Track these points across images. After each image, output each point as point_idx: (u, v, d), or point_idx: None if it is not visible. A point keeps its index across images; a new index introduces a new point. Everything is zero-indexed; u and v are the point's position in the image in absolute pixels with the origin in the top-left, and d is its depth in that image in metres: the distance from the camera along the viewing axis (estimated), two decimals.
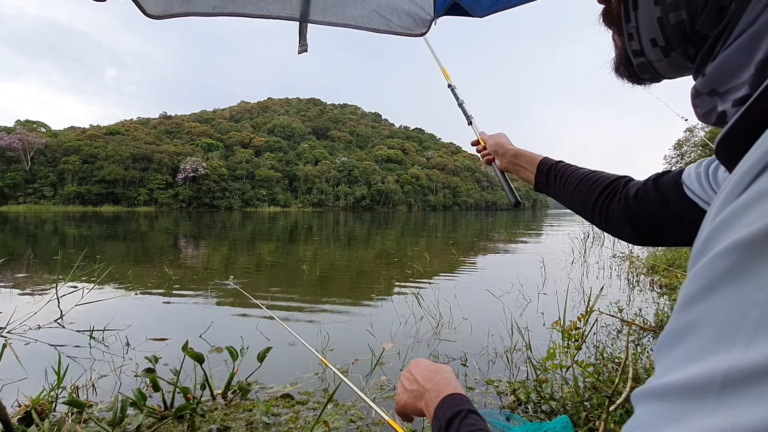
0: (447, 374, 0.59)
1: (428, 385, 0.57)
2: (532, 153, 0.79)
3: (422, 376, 0.59)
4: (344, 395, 1.87)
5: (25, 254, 7.37)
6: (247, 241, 11.29)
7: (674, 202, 0.52)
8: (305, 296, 4.17)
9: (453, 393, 0.54)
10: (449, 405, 0.52)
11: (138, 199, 75.57)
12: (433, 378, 0.58)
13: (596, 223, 0.65)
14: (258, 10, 1.25)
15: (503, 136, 0.86)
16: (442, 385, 0.56)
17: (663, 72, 0.37)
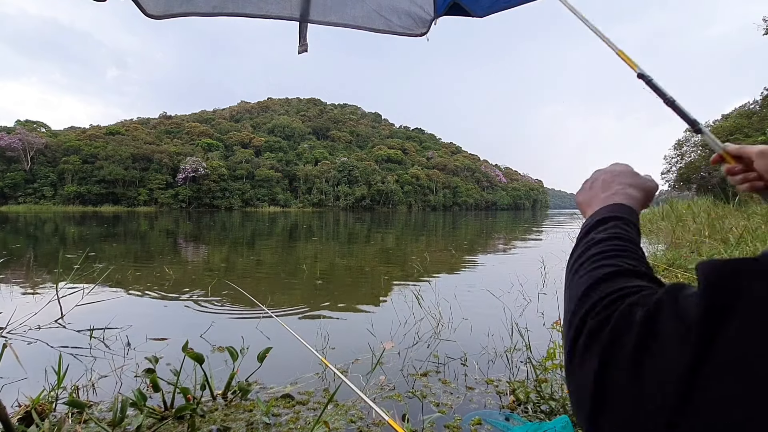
0: (631, 187, 0.51)
1: (603, 192, 0.52)
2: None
3: (605, 182, 0.53)
4: (344, 395, 1.87)
5: (25, 254, 7.37)
6: (247, 241, 11.29)
7: None
8: (305, 296, 4.17)
9: (618, 203, 0.49)
10: (609, 209, 0.47)
11: (138, 199, 75.53)
12: (613, 186, 0.52)
13: None
14: (258, 10, 1.25)
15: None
16: (618, 196, 0.50)
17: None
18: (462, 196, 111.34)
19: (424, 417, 1.69)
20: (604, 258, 0.40)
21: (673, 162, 24.95)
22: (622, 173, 0.54)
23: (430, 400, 1.86)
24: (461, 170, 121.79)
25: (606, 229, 0.44)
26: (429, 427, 1.62)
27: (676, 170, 24.35)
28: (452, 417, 1.71)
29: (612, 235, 0.42)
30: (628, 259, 0.39)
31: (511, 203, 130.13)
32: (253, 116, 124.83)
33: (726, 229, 5.76)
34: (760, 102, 21.05)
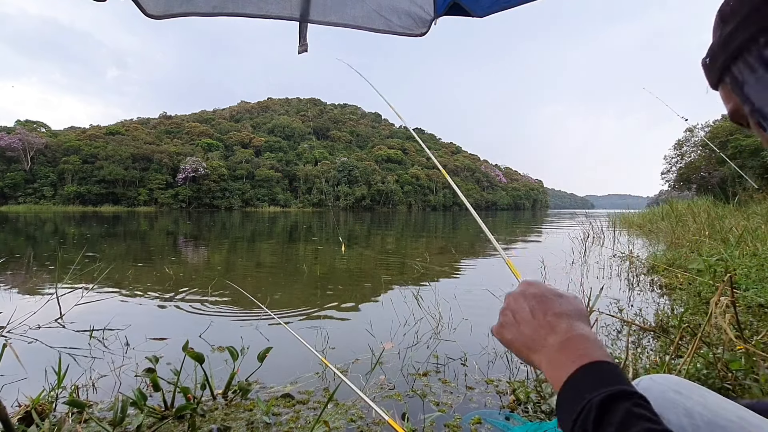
0: (582, 326, 0.42)
1: (552, 338, 0.41)
2: None
3: (544, 319, 0.43)
4: (344, 395, 1.87)
5: (25, 254, 7.37)
6: (247, 241, 11.29)
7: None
8: (305, 296, 4.17)
9: (598, 361, 0.37)
10: (596, 378, 0.36)
11: (138, 199, 75.53)
12: (562, 328, 0.42)
13: None
14: (258, 10, 1.25)
15: None
16: (579, 342, 0.39)
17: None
18: None
19: (424, 416, 1.69)
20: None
21: (673, 162, 24.95)
22: (547, 299, 0.45)
23: (430, 399, 1.86)
24: (461, 170, 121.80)
25: (630, 425, 0.32)
26: (429, 426, 1.63)
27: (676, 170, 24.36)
28: (452, 416, 1.71)
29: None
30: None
31: (511, 203, 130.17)
32: (253, 116, 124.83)
33: (726, 229, 5.76)
34: None
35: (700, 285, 3.61)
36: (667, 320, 2.83)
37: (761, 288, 3.09)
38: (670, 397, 0.52)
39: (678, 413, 0.50)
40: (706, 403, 0.50)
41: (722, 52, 0.35)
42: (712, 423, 0.48)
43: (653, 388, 0.54)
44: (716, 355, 1.73)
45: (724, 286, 1.70)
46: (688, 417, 0.49)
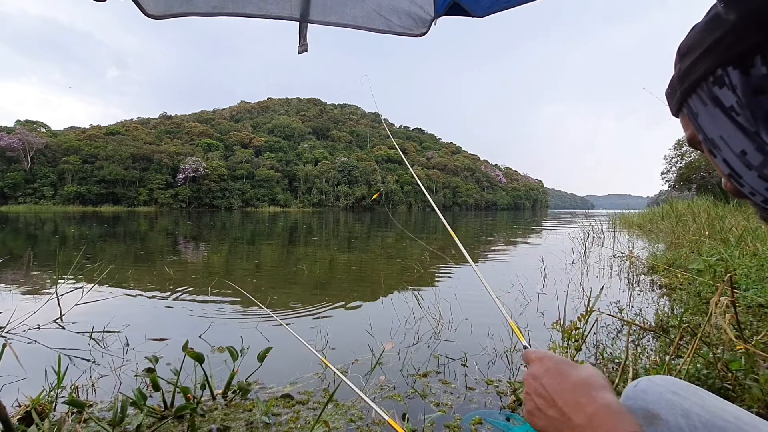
0: (603, 395, 0.40)
1: (578, 418, 0.39)
2: None
3: (564, 397, 0.42)
4: (344, 395, 1.87)
5: (25, 254, 7.37)
6: (247, 241, 11.29)
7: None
8: (305, 296, 4.17)
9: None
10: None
11: (138, 199, 75.55)
12: (584, 403, 0.40)
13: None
14: (258, 10, 1.25)
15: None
16: (606, 416, 0.38)
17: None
18: (462, 196, 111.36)
19: (424, 416, 1.69)
20: None
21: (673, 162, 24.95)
22: (562, 372, 0.44)
23: (430, 399, 1.86)
24: (461, 170, 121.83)
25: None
26: (429, 426, 1.62)
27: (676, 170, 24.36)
28: (452, 416, 1.71)
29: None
30: None
31: (511, 203, 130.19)
32: (253, 116, 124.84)
33: (726, 229, 5.76)
34: None
35: (700, 285, 3.61)
36: (667, 320, 2.83)
37: (761, 288, 3.09)
38: (668, 398, 0.53)
39: (675, 414, 0.51)
40: (704, 404, 0.51)
41: (679, 85, 0.38)
42: (709, 423, 0.48)
43: (651, 389, 0.55)
44: (716, 355, 1.72)
45: (724, 286, 1.70)
46: (685, 418, 0.50)
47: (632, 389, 0.58)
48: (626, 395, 0.58)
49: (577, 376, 0.43)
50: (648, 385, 0.56)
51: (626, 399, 0.57)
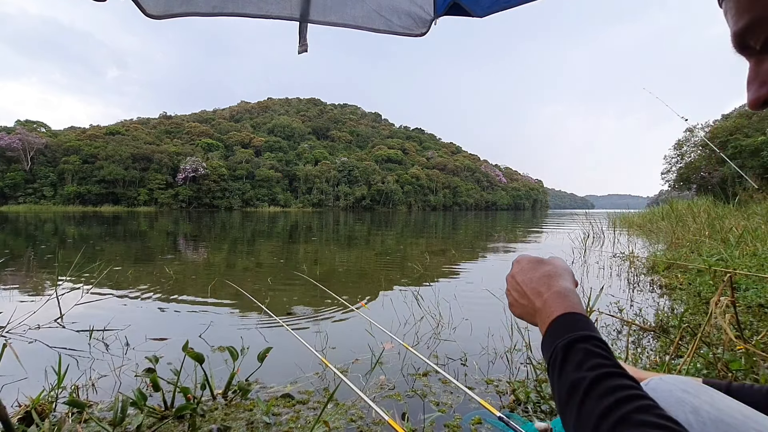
0: (558, 284, 0.49)
1: (538, 302, 0.49)
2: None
3: (530, 287, 0.51)
4: (344, 395, 1.87)
5: (25, 254, 7.37)
6: (247, 241, 11.29)
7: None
8: (305, 296, 4.17)
9: (565, 313, 0.45)
10: (564, 327, 0.44)
11: (138, 199, 75.54)
12: (542, 291, 0.49)
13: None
14: (258, 10, 1.25)
15: None
16: (554, 300, 0.47)
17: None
18: (462, 196, 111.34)
19: (423, 416, 1.69)
20: (633, 420, 0.34)
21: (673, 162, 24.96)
22: (530, 269, 0.52)
23: (430, 399, 1.86)
24: (461, 170, 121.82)
25: (586, 360, 0.40)
26: (429, 426, 1.63)
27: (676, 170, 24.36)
28: (452, 416, 1.71)
29: (601, 374, 0.38)
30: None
31: (511, 203, 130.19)
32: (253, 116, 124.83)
33: (726, 229, 5.76)
34: None
35: (700, 285, 3.61)
36: (667, 320, 2.83)
37: (761, 288, 3.09)
38: (678, 395, 0.54)
39: (685, 411, 0.51)
40: (713, 402, 0.51)
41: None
42: (718, 420, 0.49)
43: (661, 387, 0.56)
44: (716, 355, 1.73)
45: (724, 286, 1.70)
46: (694, 414, 0.51)
47: (643, 387, 0.58)
48: None
49: (543, 270, 0.51)
50: (658, 384, 0.57)
51: None
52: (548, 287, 0.49)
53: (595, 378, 0.37)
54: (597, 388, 0.37)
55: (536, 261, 0.53)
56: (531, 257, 0.55)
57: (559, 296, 0.47)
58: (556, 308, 0.46)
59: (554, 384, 0.41)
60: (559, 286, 0.49)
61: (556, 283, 0.49)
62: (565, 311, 0.45)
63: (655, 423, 0.34)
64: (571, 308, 0.45)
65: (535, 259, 0.54)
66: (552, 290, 0.48)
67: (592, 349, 0.40)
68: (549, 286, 0.49)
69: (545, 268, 0.51)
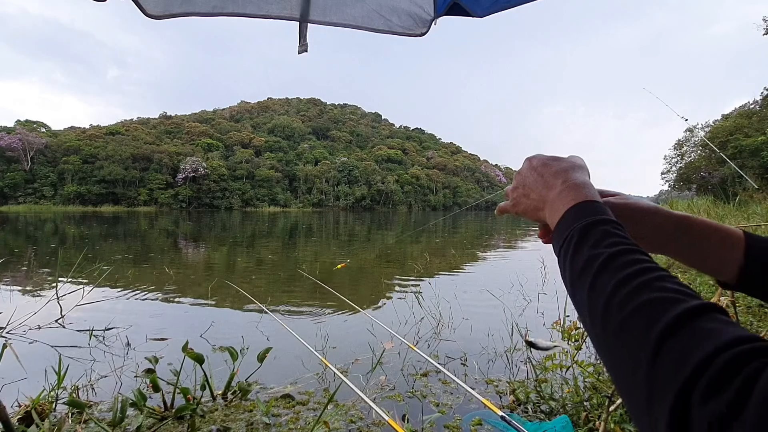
0: (576, 176, 0.45)
1: (551, 194, 0.45)
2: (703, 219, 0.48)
3: (543, 180, 0.47)
4: (344, 395, 1.87)
5: (25, 254, 7.37)
6: (247, 241, 11.29)
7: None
8: (305, 296, 4.17)
9: (584, 200, 0.41)
10: (581, 212, 0.40)
11: (138, 199, 75.56)
12: (556, 184, 0.45)
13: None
14: (258, 10, 1.25)
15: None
16: (571, 189, 0.43)
17: None
18: (462, 196, 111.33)
19: (424, 417, 1.69)
20: (654, 286, 0.30)
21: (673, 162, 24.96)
22: (547, 164, 0.48)
23: (430, 400, 1.86)
24: (461, 170, 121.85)
25: (605, 239, 0.36)
26: (429, 427, 1.62)
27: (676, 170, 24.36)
28: (452, 417, 1.70)
29: (625, 249, 0.34)
30: (683, 288, 0.30)
31: None
32: (253, 116, 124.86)
33: None
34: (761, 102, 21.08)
35: (700, 285, 3.61)
36: None
37: None
38: None
39: None
40: None
41: None
42: None
43: None
44: None
45: None
46: None
47: None
48: None
49: (559, 165, 0.47)
50: None
51: None
52: (564, 180, 0.45)
53: (615, 252, 0.34)
54: (616, 260, 0.34)
55: (551, 157, 0.49)
56: (545, 155, 0.51)
57: (576, 186, 0.44)
58: (575, 197, 0.42)
59: (566, 264, 0.38)
60: (577, 178, 0.45)
61: (573, 175, 0.46)
62: (585, 199, 0.42)
63: (675, 289, 0.29)
64: (591, 197, 0.42)
65: (550, 156, 0.50)
66: (569, 182, 0.44)
67: (612, 230, 0.37)
68: (565, 180, 0.45)
69: (562, 164, 0.47)
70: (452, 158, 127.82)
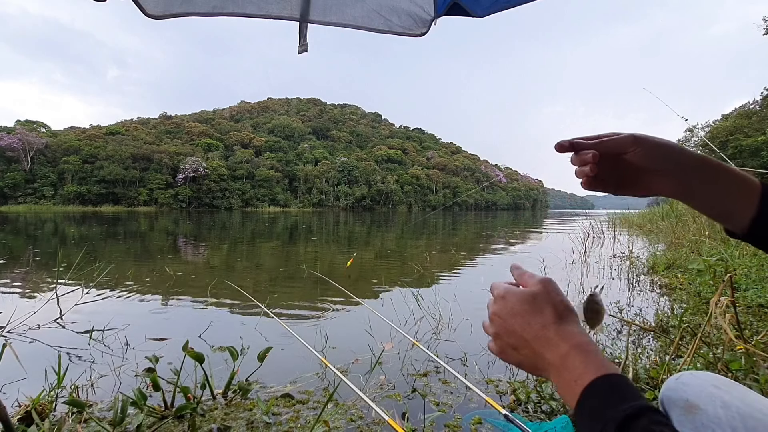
0: (570, 331, 0.40)
1: (551, 356, 0.40)
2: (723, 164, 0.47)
3: (532, 335, 0.42)
4: (344, 395, 1.87)
5: (25, 254, 7.37)
6: (246, 241, 11.29)
7: None
8: (305, 296, 4.17)
9: (599, 377, 0.36)
10: (603, 400, 0.35)
11: (138, 199, 75.57)
12: (554, 342, 0.40)
13: None
14: (258, 10, 1.25)
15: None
16: (576, 357, 0.38)
17: None
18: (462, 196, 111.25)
19: (424, 416, 1.69)
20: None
21: None
22: (522, 312, 0.43)
23: (430, 399, 1.86)
24: (461, 170, 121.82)
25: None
26: (429, 426, 1.63)
27: None
28: (452, 416, 1.71)
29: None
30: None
31: (511, 203, 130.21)
32: (253, 116, 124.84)
33: None
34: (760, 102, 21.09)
35: (700, 285, 3.61)
36: (667, 320, 2.83)
37: (761, 288, 3.09)
38: (709, 390, 0.54)
39: (715, 405, 0.52)
40: (744, 398, 0.52)
41: None
42: (747, 415, 0.49)
43: (693, 382, 0.57)
44: (716, 355, 1.73)
45: (724, 286, 1.70)
46: (724, 409, 0.51)
47: (674, 381, 0.59)
48: (667, 386, 0.59)
49: (543, 313, 0.43)
50: (690, 379, 0.58)
51: (667, 390, 0.59)
52: (560, 336, 0.40)
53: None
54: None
55: (528, 298, 0.44)
56: (518, 293, 0.46)
57: (580, 351, 0.39)
58: (585, 369, 0.38)
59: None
60: (576, 336, 0.40)
61: (567, 329, 0.41)
62: (597, 374, 0.37)
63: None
64: (603, 369, 0.37)
65: (524, 295, 0.45)
66: (569, 342, 0.40)
67: (654, 428, 0.32)
68: (561, 336, 0.40)
69: (545, 309, 0.43)
70: (452, 158, 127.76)
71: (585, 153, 0.51)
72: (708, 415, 0.51)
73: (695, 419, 0.52)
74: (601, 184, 0.53)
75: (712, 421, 0.51)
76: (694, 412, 0.53)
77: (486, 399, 1.33)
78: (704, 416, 0.52)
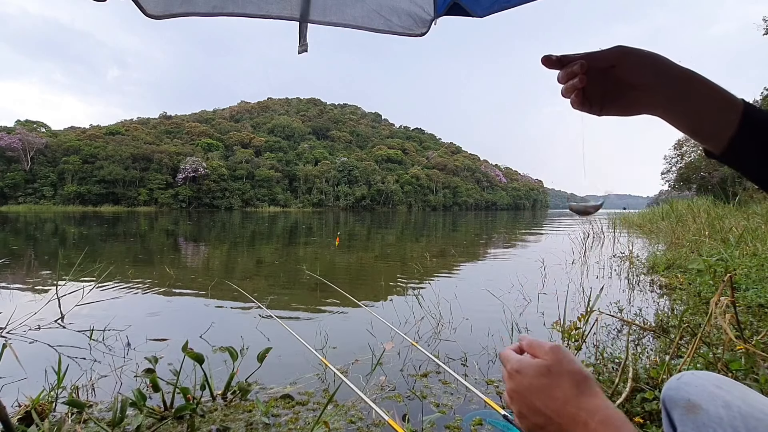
0: (596, 405, 0.40)
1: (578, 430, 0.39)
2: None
3: (556, 411, 0.41)
4: (344, 395, 1.87)
5: (25, 254, 7.37)
6: (247, 241, 11.29)
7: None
8: (305, 296, 4.17)
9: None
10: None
11: (138, 199, 75.53)
12: (581, 418, 0.39)
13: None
14: (258, 10, 1.25)
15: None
16: (607, 429, 0.38)
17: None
18: (462, 196, 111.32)
19: (424, 417, 1.69)
20: None
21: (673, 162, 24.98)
22: (543, 389, 0.42)
23: (431, 400, 1.86)
24: (461, 170, 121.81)
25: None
26: (429, 427, 1.62)
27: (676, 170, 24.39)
28: (453, 417, 1.71)
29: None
30: None
31: (511, 203, 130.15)
32: (253, 116, 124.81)
33: (726, 229, 5.77)
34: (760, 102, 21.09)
35: (700, 285, 3.61)
36: (667, 320, 2.83)
37: (761, 288, 3.09)
38: (711, 390, 0.54)
39: (717, 405, 0.52)
40: (746, 398, 0.52)
41: None
42: (748, 415, 0.49)
43: (694, 381, 0.57)
44: (716, 355, 1.73)
45: (724, 286, 1.70)
46: (726, 408, 0.51)
47: (675, 381, 0.59)
48: (669, 386, 0.59)
49: (562, 386, 0.42)
50: (692, 378, 0.58)
51: (669, 390, 0.59)
52: (585, 412, 0.40)
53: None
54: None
55: (543, 371, 0.43)
56: (532, 367, 0.44)
57: (608, 426, 0.38)
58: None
59: None
60: (600, 411, 0.40)
61: (590, 403, 0.40)
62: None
63: None
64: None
65: (539, 369, 0.43)
66: (595, 418, 0.39)
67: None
68: (586, 411, 0.40)
69: (562, 382, 0.42)
70: (452, 158, 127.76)
71: (573, 64, 0.50)
72: (710, 414, 0.51)
73: (697, 419, 0.52)
74: (588, 103, 0.51)
75: (713, 420, 0.51)
76: (695, 411, 0.53)
77: (486, 400, 1.33)
78: (706, 416, 0.52)
